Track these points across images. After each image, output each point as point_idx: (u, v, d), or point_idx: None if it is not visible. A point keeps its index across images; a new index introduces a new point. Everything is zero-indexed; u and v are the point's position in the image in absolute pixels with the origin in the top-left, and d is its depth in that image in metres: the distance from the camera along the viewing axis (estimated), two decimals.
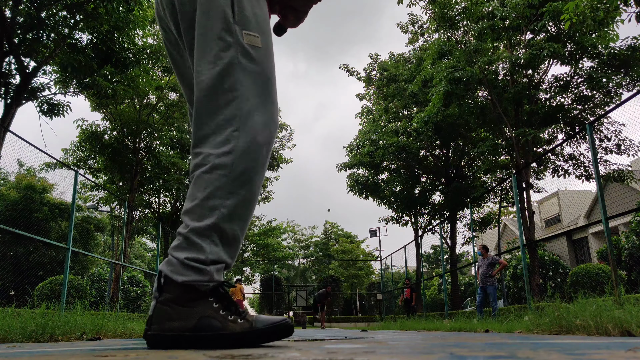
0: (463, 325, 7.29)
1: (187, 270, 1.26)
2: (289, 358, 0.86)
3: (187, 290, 1.27)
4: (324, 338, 2.24)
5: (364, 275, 37.61)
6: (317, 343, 1.56)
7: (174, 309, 1.26)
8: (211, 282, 1.28)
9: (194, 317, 1.26)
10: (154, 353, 1.03)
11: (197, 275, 1.27)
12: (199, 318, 1.26)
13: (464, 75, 14.37)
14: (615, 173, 13.71)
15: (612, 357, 0.82)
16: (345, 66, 25.12)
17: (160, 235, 15.70)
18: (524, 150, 14.64)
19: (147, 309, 24.24)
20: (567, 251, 24.62)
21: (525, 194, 14.32)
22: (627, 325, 2.64)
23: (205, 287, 1.28)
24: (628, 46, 13.50)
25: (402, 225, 24.19)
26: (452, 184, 21.21)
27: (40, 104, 10.87)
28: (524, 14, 13.52)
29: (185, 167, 19.00)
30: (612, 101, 14.30)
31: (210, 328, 1.25)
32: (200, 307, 1.27)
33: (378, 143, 22.75)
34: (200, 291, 1.28)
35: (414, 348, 1.16)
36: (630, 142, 14.06)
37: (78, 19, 10.34)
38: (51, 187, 23.38)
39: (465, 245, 24.07)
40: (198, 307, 1.27)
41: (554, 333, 3.34)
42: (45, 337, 2.85)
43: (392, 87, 22.99)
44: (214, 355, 0.96)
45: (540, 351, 0.96)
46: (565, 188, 32.71)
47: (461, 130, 20.05)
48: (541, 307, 6.39)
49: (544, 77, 15.28)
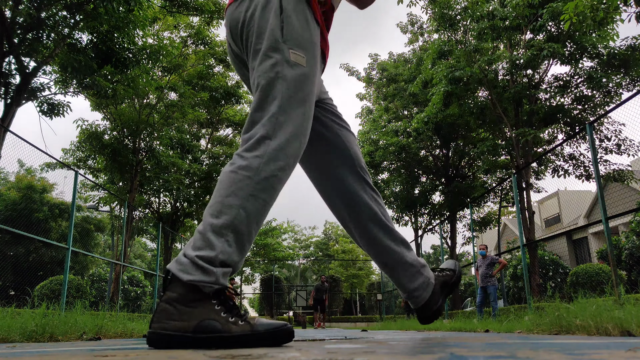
0: (463, 325, 7.28)
1: (194, 270, 1.28)
2: (289, 358, 0.86)
3: (191, 290, 1.28)
4: (324, 338, 2.24)
5: (364, 275, 37.62)
6: (317, 343, 1.57)
7: (177, 308, 1.27)
8: (216, 284, 1.29)
9: (196, 318, 1.26)
10: (154, 353, 1.03)
11: (203, 276, 1.28)
12: (200, 319, 1.26)
13: (464, 74, 14.37)
14: (615, 173, 13.71)
15: (612, 357, 0.82)
16: (346, 66, 25.14)
17: (160, 235, 15.69)
18: (524, 150, 14.64)
19: (147, 309, 24.26)
20: (567, 251, 24.62)
21: (525, 194, 14.32)
22: (627, 325, 2.64)
23: (209, 289, 1.29)
24: (628, 46, 13.50)
25: (402, 225, 24.19)
26: (452, 184, 21.22)
27: (40, 104, 10.86)
28: (524, 14, 13.52)
29: (185, 167, 19.00)
30: (612, 101, 14.30)
31: (211, 329, 1.26)
32: (203, 308, 1.28)
33: (378, 143, 22.75)
34: (203, 292, 1.29)
35: (414, 348, 1.16)
36: (631, 142, 14.07)
37: (78, 19, 10.34)
38: (51, 187, 23.39)
39: (465, 245, 24.09)
40: (200, 308, 1.28)
41: (554, 333, 3.34)
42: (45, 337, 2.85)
43: (392, 87, 23.00)
44: (214, 355, 0.96)
45: (540, 351, 0.96)
46: (565, 188, 32.73)
47: (461, 130, 20.06)
48: (541, 307, 6.39)
49: (544, 77, 15.29)
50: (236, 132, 23.92)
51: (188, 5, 14.43)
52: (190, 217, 24.24)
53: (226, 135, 24.42)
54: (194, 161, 21.11)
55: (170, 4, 14.21)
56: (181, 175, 19.23)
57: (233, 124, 23.11)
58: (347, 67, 25.14)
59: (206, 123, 22.52)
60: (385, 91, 23.59)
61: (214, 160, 22.60)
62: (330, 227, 48.27)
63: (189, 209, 23.14)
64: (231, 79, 20.33)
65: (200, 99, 18.05)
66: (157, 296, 15.07)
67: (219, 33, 19.89)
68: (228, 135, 24.32)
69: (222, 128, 24.26)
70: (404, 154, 21.74)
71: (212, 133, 24.11)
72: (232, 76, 20.44)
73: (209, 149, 23.43)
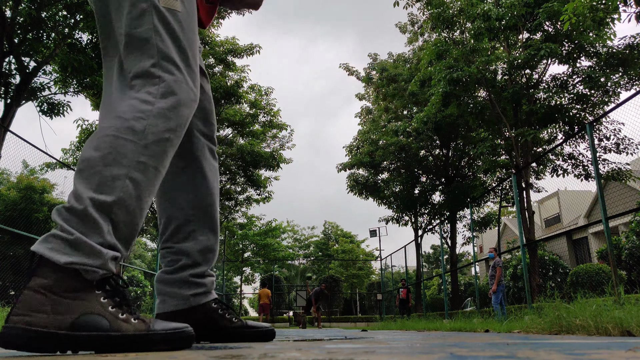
0: (463, 325, 7.29)
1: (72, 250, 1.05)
2: (289, 358, 0.86)
3: (69, 276, 1.04)
4: (323, 338, 2.24)
5: (364, 275, 37.62)
6: (317, 343, 1.56)
7: (49, 297, 1.01)
8: (102, 269, 1.07)
9: (74, 312, 1.02)
10: (154, 353, 1.03)
11: (86, 258, 1.05)
12: (80, 314, 1.03)
13: (462, 75, 14.37)
14: (614, 172, 13.70)
15: (612, 357, 0.82)
16: (346, 65, 25.14)
17: None
18: (524, 150, 14.64)
19: (147, 309, 24.21)
20: (567, 251, 24.62)
21: (525, 193, 14.32)
22: (627, 325, 2.64)
23: (93, 275, 1.06)
24: (626, 45, 13.49)
25: (402, 225, 24.20)
26: (452, 184, 21.22)
27: (40, 104, 10.86)
28: (520, 13, 13.51)
29: None
30: (610, 100, 14.29)
31: (95, 327, 1.03)
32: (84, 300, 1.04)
33: (378, 143, 22.76)
34: (85, 280, 1.05)
35: (414, 348, 1.16)
36: (630, 140, 14.06)
37: (78, 19, 10.34)
38: (51, 187, 23.39)
39: (465, 245, 24.09)
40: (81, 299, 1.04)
41: (553, 333, 3.34)
42: None
43: (392, 87, 23.00)
44: (215, 355, 0.96)
45: (540, 351, 0.96)
46: (565, 188, 32.69)
47: (461, 130, 20.06)
48: (541, 307, 6.39)
49: (542, 77, 15.29)
50: (236, 132, 23.93)
51: None
52: None
53: (226, 135, 24.42)
54: None
55: None
56: None
57: (233, 123, 23.13)
58: (347, 66, 25.14)
59: None
60: (384, 91, 23.60)
61: None
62: (330, 227, 48.28)
63: None
64: (231, 79, 20.34)
65: None
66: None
67: (219, 33, 19.88)
68: (228, 135, 24.33)
69: (222, 128, 24.26)
70: (404, 154, 21.75)
71: None
72: (231, 76, 20.44)
73: None
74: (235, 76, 20.63)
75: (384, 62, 24.26)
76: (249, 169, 23.32)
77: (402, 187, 22.85)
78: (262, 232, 34.11)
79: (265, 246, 33.70)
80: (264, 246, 33.72)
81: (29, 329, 0.98)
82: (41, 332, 0.98)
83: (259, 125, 24.38)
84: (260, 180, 24.25)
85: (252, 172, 23.57)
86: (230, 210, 25.65)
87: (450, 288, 20.49)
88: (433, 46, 15.62)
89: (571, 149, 14.99)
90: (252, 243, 34.40)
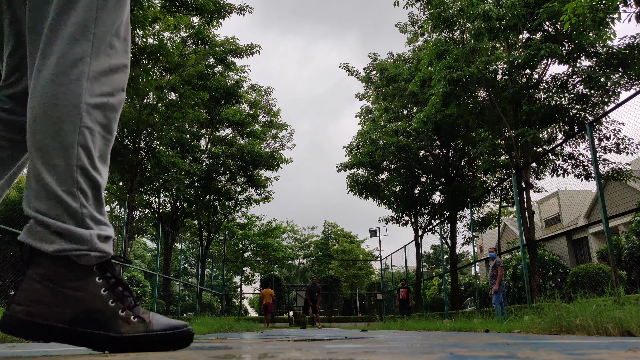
0: (463, 325, 7.29)
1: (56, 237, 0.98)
2: (289, 358, 0.86)
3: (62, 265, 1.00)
4: (324, 338, 2.24)
5: (364, 275, 37.62)
6: (317, 343, 1.56)
7: (50, 288, 0.99)
8: (93, 250, 1.01)
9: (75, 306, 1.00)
10: (154, 353, 1.03)
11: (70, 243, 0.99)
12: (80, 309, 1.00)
13: (462, 75, 14.36)
14: (614, 172, 13.69)
15: (612, 357, 0.82)
16: (346, 65, 25.13)
17: (160, 235, 15.69)
18: (524, 150, 14.64)
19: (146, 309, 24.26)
20: (567, 251, 24.62)
21: (525, 193, 14.31)
22: (627, 325, 2.64)
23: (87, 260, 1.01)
24: (626, 45, 13.49)
25: (402, 225, 24.20)
26: (452, 184, 21.22)
27: None
28: (520, 13, 13.51)
29: (185, 167, 19.01)
30: (610, 100, 14.28)
31: (94, 324, 1.01)
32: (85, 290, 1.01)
33: (378, 143, 22.76)
34: (82, 266, 1.01)
35: (414, 348, 1.16)
36: (630, 140, 14.05)
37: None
38: None
39: (465, 245, 24.09)
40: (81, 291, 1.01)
41: (554, 333, 3.34)
42: None
43: (392, 87, 23.00)
44: (215, 355, 0.96)
45: (540, 351, 0.96)
46: (565, 188, 32.69)
47: (461, 130, 20.06)
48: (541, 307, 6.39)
49: (542, 77, 15.28)
50: (236, 132, 23.94)
51: (188, 5, 14.44)
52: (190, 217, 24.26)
53: (226, 135, 24.44)
54: (194, 161, 21.12)
55: (171, 4, 14.22)
56: (181, 175, 19.23)
57: (233, 123, 23.14)
58: (347, 66, 25.13)
59: (206, 123, 22.54)
60: (384, 91, 23.59)
61: (214, 160, 22.62)
62: (330, 227, 48.29)
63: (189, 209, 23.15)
64: (231, 79, 20.35)
65: (200, 98, 18.08)
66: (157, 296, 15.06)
67: (219, 33, 19.90)
68: (228, 135, 24.34)
69: (222, 128, 24.28)
70: (404, 154, 21.75)
71: (212, 133, 24.13)
72: (231, 76, 20.45)
73: (209, 148, 23.45)
74: (235, 76, 20.64)
75: (384, 62, 24.26)
76: (249, 169, 23.33)
77: (402, 187, 22.85)
78: (262, 232, 34.11)
79: (265, 246, 33.70)
80: (264, 246, 33.72)
81: (29, 320, 0.97)
82: (40, 324, 0.98)
83: (259, 125, 24.39)
84: (260, 180, 24.25)
85: (252, 172, 23.57)
86: (230, 210, 25.65)
87: (450, 288, 20.49)
88: (433, 46, 15.61)
89: (571, 149, 14.99)
90: (252, 243, 34.40)
